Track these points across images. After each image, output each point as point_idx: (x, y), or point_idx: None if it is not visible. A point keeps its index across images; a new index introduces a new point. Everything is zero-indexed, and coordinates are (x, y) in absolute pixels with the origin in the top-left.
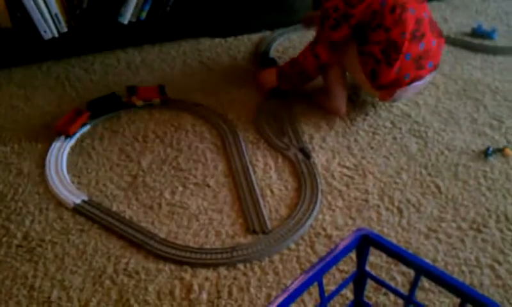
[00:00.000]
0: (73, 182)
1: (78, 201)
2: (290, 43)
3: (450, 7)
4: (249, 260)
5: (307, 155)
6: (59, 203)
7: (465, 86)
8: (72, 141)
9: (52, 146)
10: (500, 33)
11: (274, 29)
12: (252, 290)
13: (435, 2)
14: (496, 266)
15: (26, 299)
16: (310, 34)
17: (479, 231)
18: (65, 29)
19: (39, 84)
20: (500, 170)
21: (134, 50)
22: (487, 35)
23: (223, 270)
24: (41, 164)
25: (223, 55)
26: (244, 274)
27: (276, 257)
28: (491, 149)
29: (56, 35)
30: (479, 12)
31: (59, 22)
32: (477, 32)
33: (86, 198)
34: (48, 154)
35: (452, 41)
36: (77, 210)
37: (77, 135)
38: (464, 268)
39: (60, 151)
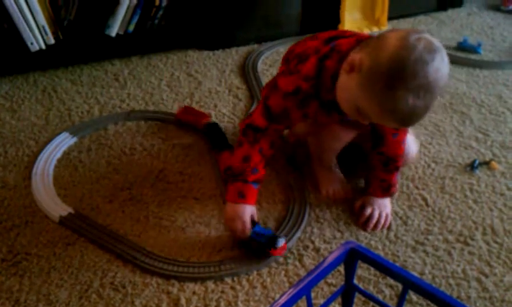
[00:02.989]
0: (59, 195)
1: (64, 214)
2: (278, 56)
3: (436, 21)
4: (237, 274)
5: (295, 165)
6: (45, 216)
7: (451, 100)
8: (59, 154)
9: (39, 158)
10: (485, 47)
11: (262, 42)
12: (240, 304)
13: (421, 16)
14: (483, 278)
15: None
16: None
17: (466, 243)
18: (52, 41)
19: (25, 96)
20: (486, 183)
21: (122, 62)
22: (472, 49)
23: (210, 284)
24: (28, 177)
25: (211, 67)
26: (232, 288)
27: (264, 270)
28: (477, 162)
29: (43, 47)
30: (464, 26)
31: (46, 34)
32: (462, 47)
33: (72, 211)
34: (35, 167)
35: None
36: (63, 222)
37: (64, 148)
38: (451, 281)
39: (47, 164)
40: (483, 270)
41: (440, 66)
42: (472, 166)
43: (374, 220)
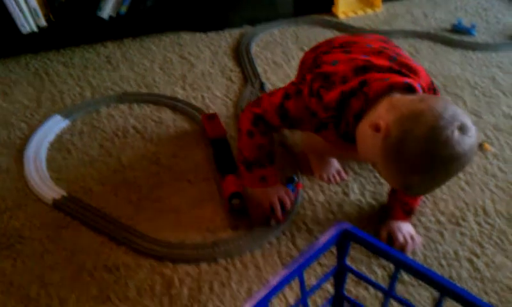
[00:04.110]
0: (52, 178)
1: (57, 197)
2: (272, 38)
3: (431, 3)
4: (231, 255)
5: (287, 148)
6: (38, 199)
7: (445, 82)
8: (51, 137)
9: (31, 141)
10: (479, 29)
11: (256, 23)
12: (233, 284)
13: None
14: (475, 259)
15: (4, 296)
16: (291, 30)
17: (458, 224)
18: (44, 23)
19: (17, 79)
20: (478, 164)
21: (114, 44)
22: (466, 31)
23: (204, 265)
24: (20, 160)
25: (204, 49)
26: (226, 269)
27: (258, 252)
28: None
29: (35, 29)
30: (458, 8)
31: (38, 16)
32: (456, 29)
33: (65, 194)
34: (27, 149)
35: (432, 37)
36: (56, 205)
37: (56, 130)
38: (443, 261)
39: (39, 147)
40: (474, 251)
41: (468, 157)
42: None
43: (410, 247)
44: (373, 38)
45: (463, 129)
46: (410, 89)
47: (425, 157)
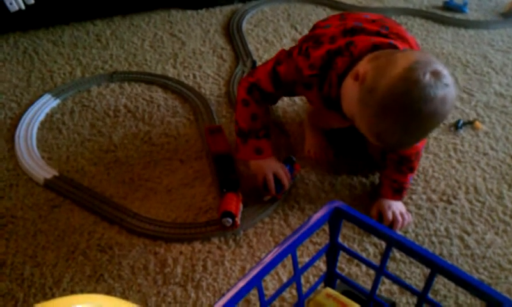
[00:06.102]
0: (43, 157)
1: (49, 177)
2: (263, 15)
3: None
4: (224, 234)
5: (281, 128)
6: (30, 179)
7: None
8: (42, 116)
9: (21, 121)
10: (471, 6)
11: (246, 1)
12: (226, 263)
13: None
14: (465, 236)
15: None
16: (282, 7)
17: (449, 202)
18: (32, 1)
19: (6, 58)
20: (470, 143)
21: (104, 22)
22: (458, 9)
23: (197, 244)
24: (11, 140)
25: (194, 27)
26: (219, 248)
27: (251, 230)
28: (461, 122)
29: (23, 7)
30: None
31: None
32: (448, 6)
33: (57, 174)
34: (18, 129)
35: (424, 15)
36: (48, 185)
37: (47, 110)
38: (434, 239)
39: (30, 127)
40: (465, 228)
41: (439, 106)
42: (456, 126)
43: (399, 225)
44: (376, 16)
45: (436, 74)
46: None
47: (395, 96)
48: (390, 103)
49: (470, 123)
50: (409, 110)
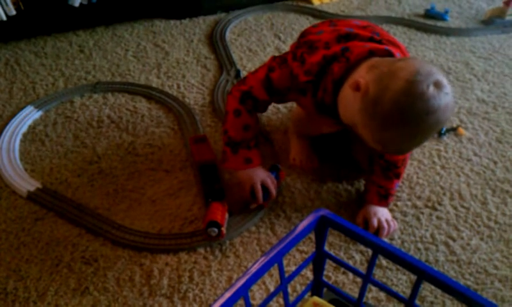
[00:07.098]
0: (26, 170)
1: (32, 189)
2: (246, 25)
3: None
4: (210, 244)
5: (266, 136)
6: (13, 192)
7: None
8: (24, 128)
9: (4, 133)
10: (452, 14)
11: (229, 10)
12: (213, 273)
13: None
14: (451, 242)
15: None
16: (265, 16)
17: (434, 208)
18: (13, 12)
19: None
20: (453, 149)
21: (86, 32)
22: (440, 16)
23: (183, 255)
24: None
25: (178, 37)
26: (205, 258)
27: (237, 240)
28: (444, 128)
29: (4, 18)
30: None
31: (7, 4)
32: (430, 14)
33: (40, 186)
34: (0, 142)
35: (406, 23)
36: (31, 198)
37: (29, 122)
38: (420, 245)
39: (12, 139)
40: (451, 234)
41: (441, 115)
42: (440, 133)
43: (385, 232)
44: (365, 22)
45: (438, 85)
46: (390, 56)
47: (401, 110)
48: (395, 116)
49: (453, 130)
50: (414, 122)
